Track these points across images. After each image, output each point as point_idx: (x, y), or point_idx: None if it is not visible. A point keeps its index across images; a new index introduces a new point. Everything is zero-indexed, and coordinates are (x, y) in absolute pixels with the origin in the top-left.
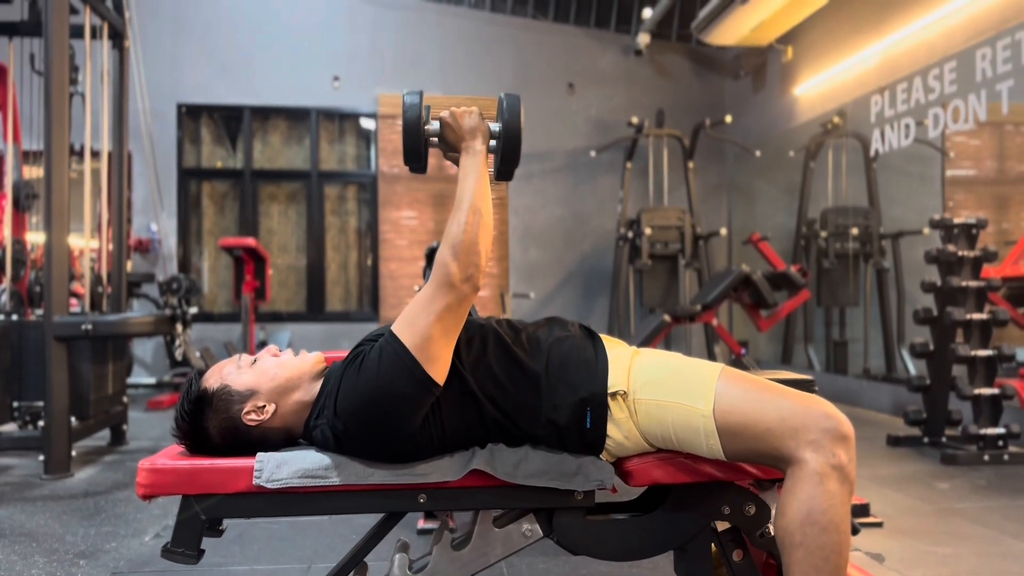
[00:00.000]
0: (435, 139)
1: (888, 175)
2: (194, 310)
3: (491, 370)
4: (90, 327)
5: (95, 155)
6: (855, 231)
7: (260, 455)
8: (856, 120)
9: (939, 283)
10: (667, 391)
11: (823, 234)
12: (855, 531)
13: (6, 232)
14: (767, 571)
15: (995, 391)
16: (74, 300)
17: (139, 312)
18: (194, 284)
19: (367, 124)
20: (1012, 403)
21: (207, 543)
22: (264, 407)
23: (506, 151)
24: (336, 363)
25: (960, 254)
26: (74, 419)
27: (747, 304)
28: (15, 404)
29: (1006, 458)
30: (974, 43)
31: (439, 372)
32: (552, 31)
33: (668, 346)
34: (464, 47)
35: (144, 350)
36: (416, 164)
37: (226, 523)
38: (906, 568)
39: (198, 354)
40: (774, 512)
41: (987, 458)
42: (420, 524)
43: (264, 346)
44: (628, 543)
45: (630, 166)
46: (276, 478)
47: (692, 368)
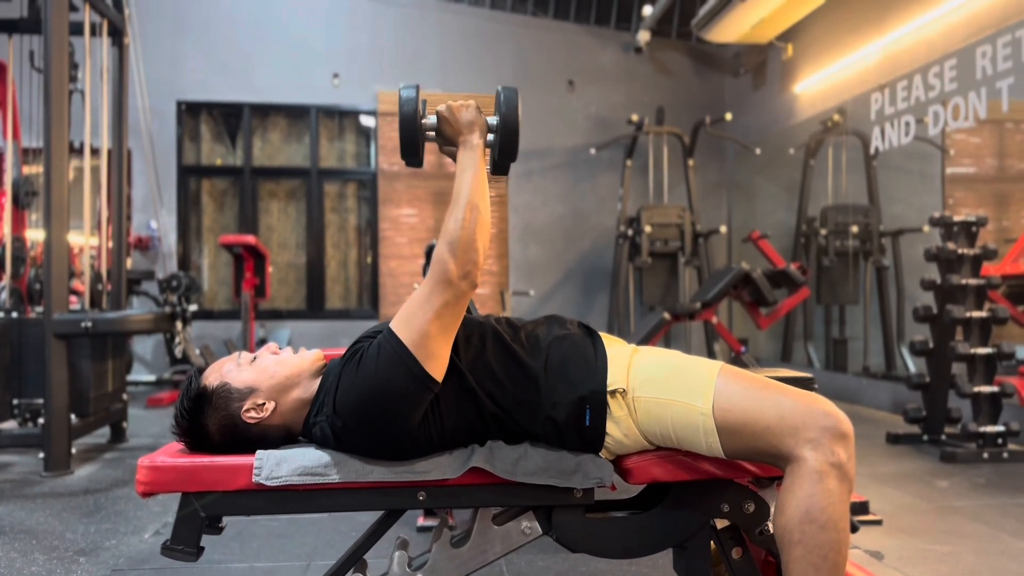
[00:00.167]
0: (432, 133)
1: (888, 173)
2: (194, 307)
3: (490, 368)
4: (90, 324)
5: (95, 152)
6: (855, 229)
7: (259, 453)
8: (856, 118)
9: (939, 281)
10: (666, 389)
11: (823, 232)
12: (854, 529)
13: (6, 229)
14: (766, 569)
15: (995, 389)
16: (74, 297)
17: (139, 310)
18: (194, 281)
19: (367, 121)
20: (1012, 401)
21: (207, 540)
22: (263, 405)
23: (503, 144)
24: (335, 360)
25: (960, 252)
26: (74, 416)
27: (747, 302)
28: (15, 401)
29: (1005, 456)
30: (974, 41)
31: (437, 369)
32: (552, 28)
33: (668, 344)
34: (464, 44)
35: (144, 347)
36: (413, 159)
37: (226, 520)
38: (905, 566)
39: (198, 352)
40: (773, 510)
41: (986, 456)
42: (420, 521)
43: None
44: (627, 541)
45: (630, 164)
46: (276, 476)
47: (691, 366)
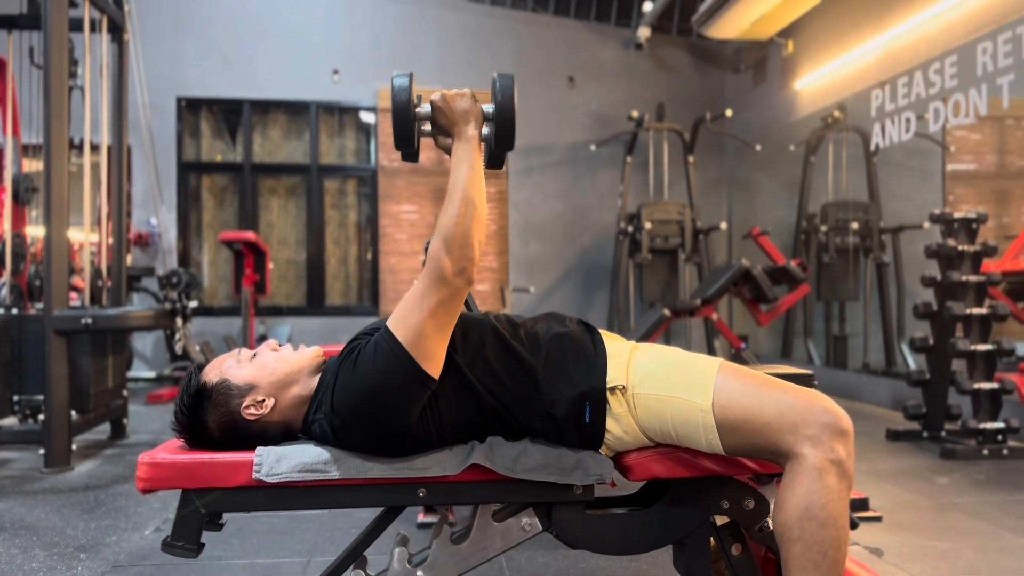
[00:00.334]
0: (428, 127)
1: (888, 169)
2: (194, 304)
3: (489, 364)
4: (90, 321)
5: (95, 149)
6: (855, 225)
7: (260, 449)
8: (856, 114)
9: (939, 278)
10: (666, 386)
11: (823, 228)
12: (854, 525)
13: (6, 226)
14: (766, 565)
15: (995, 386)
16: (74, 294)
17: (139, 306)
18: (194, 278)
19: (367, 118)
20: (1011, 398)
21: (207, 537)
22: (263, 401)
23: (500, 132)
24: (333, 357)
25: (960, 249)
26: (74, 413)
27: (747, 299)
28: (15, 398)
29: (1005, 453)
30: (975, 37)
31: (434, 367)
32: (552, 24)
33: (668, 341)
34: (464, 41)
35: (144, 344)
36: (407, 149)
37: (226, 517)
38: (904, 562)
39: (198, 348)
40: (773, 506)
41: (986, 453)
42: (420, 518)
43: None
44: (627, 537)
45: (630, 160)
46: (276, 472)
47: (691, 363)
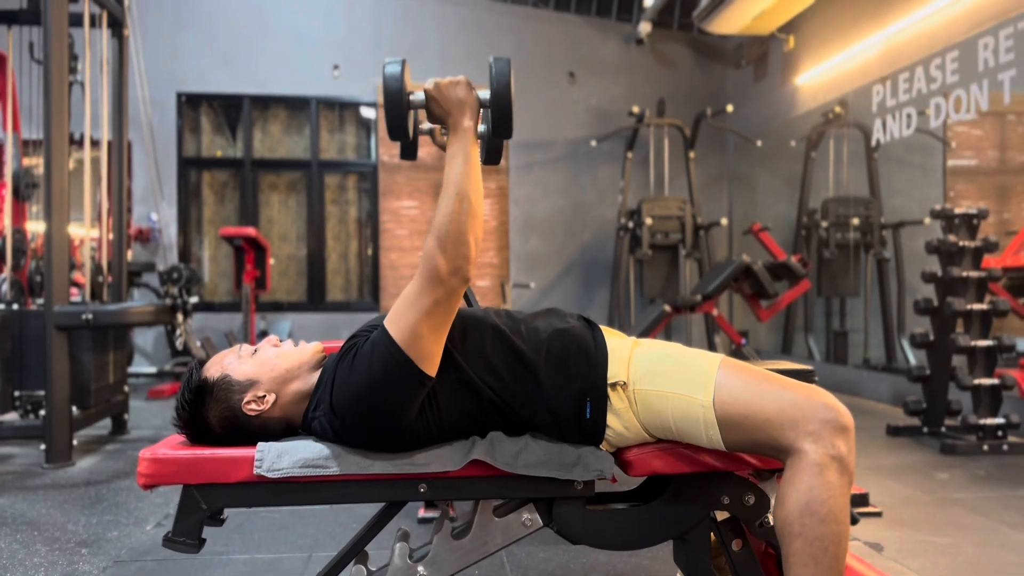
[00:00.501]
0: (426, 126)
1: (889, 165)
2: (195, 300)
3: (488, 360)
4: (91, 316)
5: (95, 144)
6: (856, 221)
7: (261, 445)
8: (857, 110)
9: (940, 273)
10: (667, 382)
11: (824, 224)
12: (854, 521)
13: (6, 221)
14: (766, 561)
15: (995, 381)
16: (75, 290)
17: (140, 302)
18: (194, 274)
19: (367, 113)
20: (1012, 393)
21: (208, 532)
22: (264, 397)
23: (497, 119)
24: (333, 354)
25: (961, 244)
26: (75, 408)
27: (747, 294)
28: (16, 393)
29: (1005, 448)
30: (976, 32)
31: (431, 366)
32: (553, 20)
33: (668, 336)
34: (464, 36)
35: (145, 339)
36: (401, 139)
37: (227, 512)
38: (904, 558)
39: (199, 344)
40: (773, 502)
41: (986, 448)
42: (421, 513)
43: (265, 336)
44: (628, 533)
45: (631, 156)
46: (277, 468)
47: (692, 359)
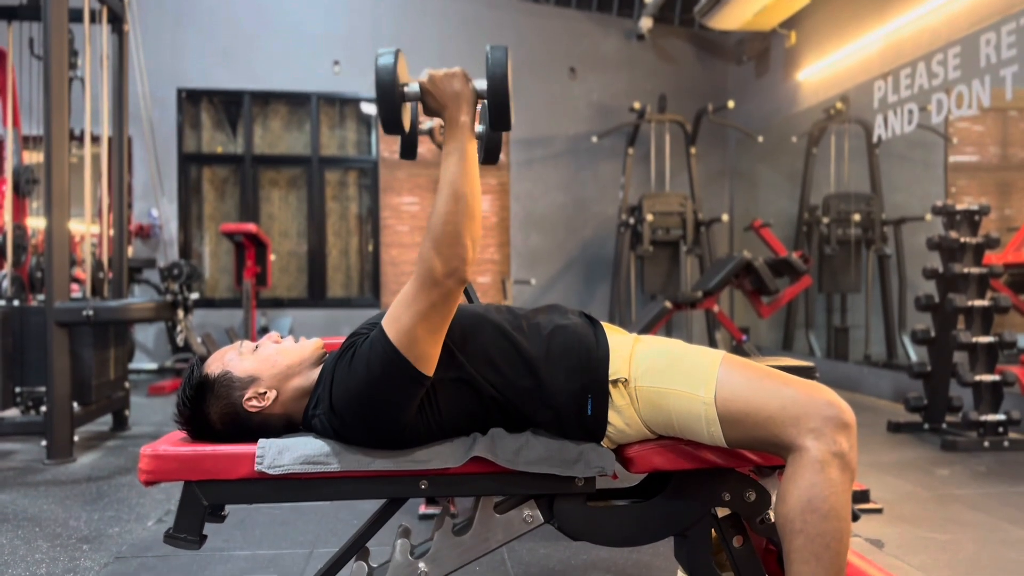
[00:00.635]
0: (424, 125)
1: (891, 161)
2: (195, 296)
3: (489, 356)
4: (91, 313)
5: (95, 140)
6: (857, 217)
7: (262, 441)
8: (859, 106)
9: (941, 270)
10: (668, 378)
11: (825, 220)
12: (855, 517)
13: (7, 217)
14: (767, 557)
15: (996, 378)
16: (75, 286)
17: (140, 298)
18: (195, 270)
19: (367, 109)
20: (1013, 390)
21: (209, 528)
22: (265, 393)
23: (494, 110)
24: (333, 352)
25: (962, 241)
26: (76, 404)
27: (748, 290)
28: (17, 389)
29: (1006, 445)
30: (978, 28)
31: (428, 366)
32: (554, 15)
33: (669, 333)
34: (465, 31)
35: (146, 336)
36: (395, 133)
37: (228, 508)
38: (905, 554)
39: (199, 340)
40: (774, 499)
41: (987, 444)
42: (422, 510)
43: (266, 332)
44: (628, 529)
45: (632, 152)
46: (278, 464)
47: (694, 355)
